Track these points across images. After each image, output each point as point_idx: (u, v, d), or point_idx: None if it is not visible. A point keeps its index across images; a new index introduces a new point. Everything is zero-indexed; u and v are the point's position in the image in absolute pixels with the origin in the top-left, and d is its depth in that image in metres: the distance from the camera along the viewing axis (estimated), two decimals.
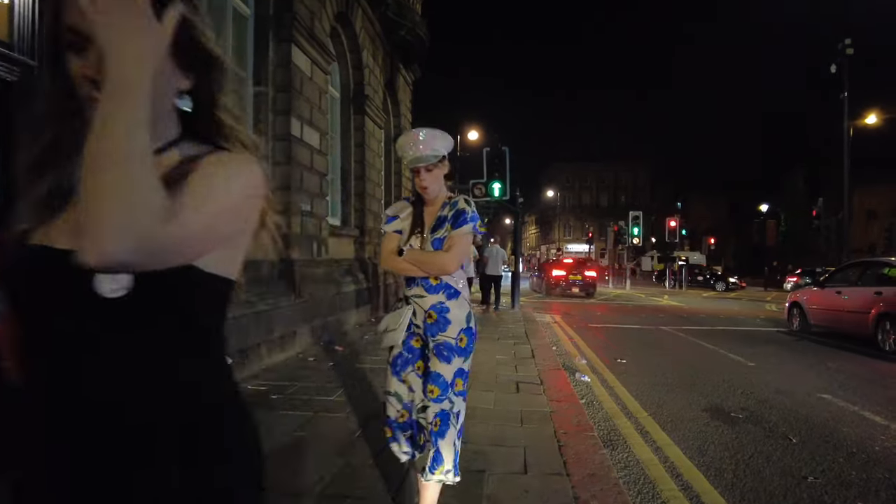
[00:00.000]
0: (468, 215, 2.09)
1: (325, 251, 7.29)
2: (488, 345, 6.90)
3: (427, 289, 2.08)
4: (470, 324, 2.12)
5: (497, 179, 11.11)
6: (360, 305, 8.60)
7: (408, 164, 2.13)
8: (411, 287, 2.13)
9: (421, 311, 2.10)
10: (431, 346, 2.07)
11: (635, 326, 10.33)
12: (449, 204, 2.15)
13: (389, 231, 2.20)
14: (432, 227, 2.12)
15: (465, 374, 2.12)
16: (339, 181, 9.23)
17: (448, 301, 2.08)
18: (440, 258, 2.04)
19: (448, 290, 2.09)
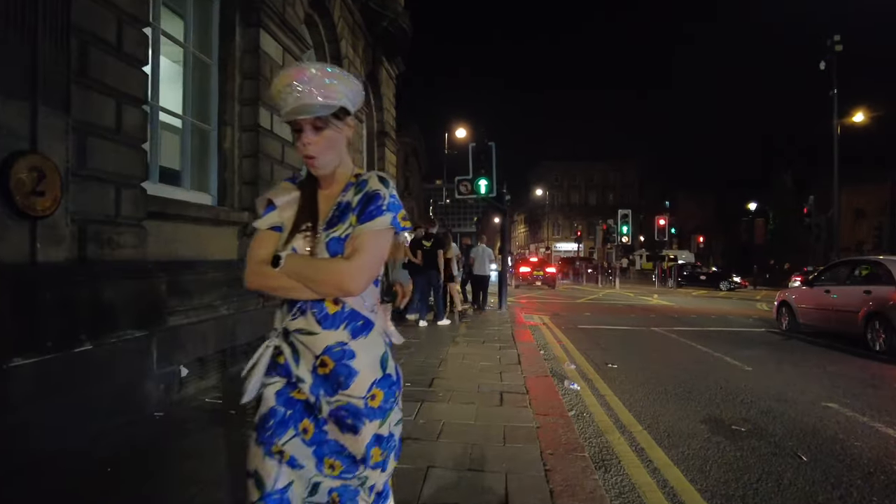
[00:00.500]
0: (383, 202, 1.35)
1: None
2: (473, 349, 6.51)
3: (320, 320, 1.33)
4: (387, 370, 1.41)
5: (483, 176, 10.73)
6: None
7: (284, 118, 1.33)
8: (294, 317, 1.35)
9: (308, 356, 1.34)
10: (326, 411, 1.35)
11: (626, 328, 10.00)
12: (355, 185, 1.41)
13: (262, 228, 1.42)
14: (328, 220, 1.38)
15: (387, 442, 1.40)
16: None
17: (353, 340, 1.34)
18: (338, 269, 1.28)
19: (353, 321, 1.35)
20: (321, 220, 1.39)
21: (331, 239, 1.35)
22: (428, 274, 8.72)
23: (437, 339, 7.33)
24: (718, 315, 13.07)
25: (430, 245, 8.75)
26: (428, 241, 8.76)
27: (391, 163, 12.72)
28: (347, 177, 1.45)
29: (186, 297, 4.52)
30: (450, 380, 4.89)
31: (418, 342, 6.98)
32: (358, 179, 1.43)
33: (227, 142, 5.78)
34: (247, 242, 6.32)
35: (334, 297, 1.32)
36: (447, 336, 7.58)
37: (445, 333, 7.85)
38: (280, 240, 1.38)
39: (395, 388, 1.44)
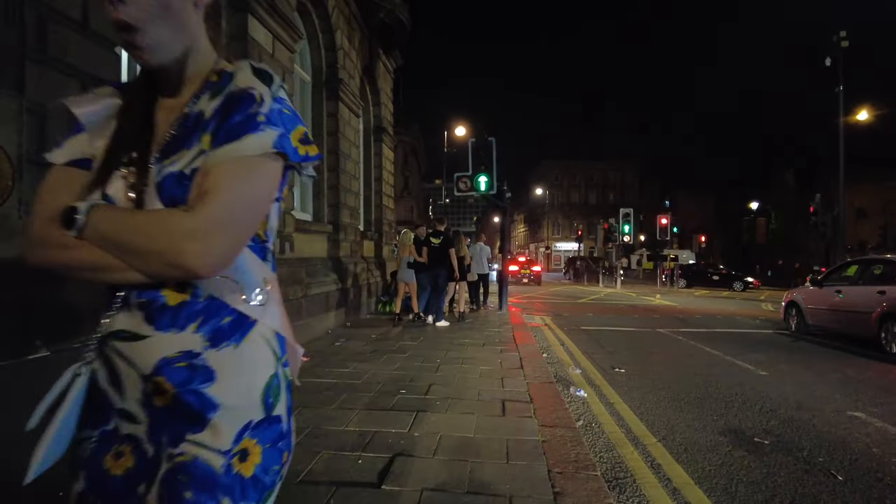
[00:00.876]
0: (259, 108, 0.80)
1: (290, 249, 6.53)
2: (473, 352, 6.18)
3: (151, 315, 0.80)
4: (274, 408, 0.86)
5: (483, 172, 10.40)
6: (332, 309, 7.84)
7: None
8: (112, 314, 0.82)
9: (133, 377, 0.80)
10: (162, 471, 0.79)
11: (631, 329, 9.68)
12: (212, 86, 0.86)
13: (58, 163, 0.85)
14: (165, 145, 0.83)
15: None
16: None
17: (212, 350, 0.81)
18: (172, 229, 0.73)
19: (213, 317, 0.82)
20: (154, 145, 0.83)
21: (166, 176, 0.79)
22: (435, 273, 8.42)
23: (434, 341, 7.01)
24: (724, 316, 12.75)
25: (439, 243, 8.46)
26: (437, 239, 8.47)
27: (388, 158, 12.40)
28: (205, 74, 0.88)
29: None
30: (448, 386, 4.57)
31: (414, 345, 6.66)
32: (220, 77, 0.86)
33: None
34: None
35: (172, 278, 0.78)
36: (445, 338, 7.26)
37: (444, 335, 7.53)
38: (82, 183, 0.82)
39: (285, 445, 0.87)
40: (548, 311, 12.85)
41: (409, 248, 8.43)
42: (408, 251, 8.39)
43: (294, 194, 7.46)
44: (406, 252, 8.43)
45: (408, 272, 8.49)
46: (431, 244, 8.44)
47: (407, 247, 8.40)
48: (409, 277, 8.57)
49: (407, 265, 8.44)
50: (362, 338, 7.16)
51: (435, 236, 8.50)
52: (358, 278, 9.24)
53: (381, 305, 10.35)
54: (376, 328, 8.10)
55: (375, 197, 11.72)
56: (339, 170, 8.67)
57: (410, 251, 8.39)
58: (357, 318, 9.07)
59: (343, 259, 8.65)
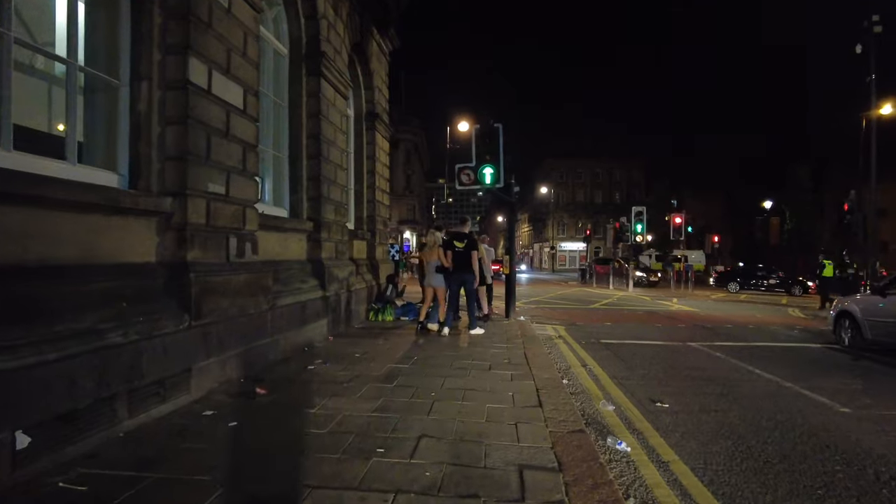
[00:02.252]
0: None
1: (252, 251, 5.31)
2: (477, 378, 4.96)
3: None
4: None
5: (489, 163, 9.17)
6: (311, 321, 6.63)
7: None
8: None
9: None
10: None
11: (658, 343, 8.44)
12: None
13: None
14: None
15: None
16: (286, 162, 7.24)
17: None
18: None
19: None
20: None
21: None
22: (461, 278, 7.91)
23: (430, 362, 5.79)
24: (754, 324, 11.48)
25: (463, 246, 7.88)
26: (461, 242, 7.89)
27: (383, 149, 11.17)
28: None
29: (40, 322, 2.98)
30: (443, 440, 3.35)
31: (406, 368, 5.44)
32: None
33: (142, 103, 4.25)
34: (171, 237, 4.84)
35: None
36: (445, 357, 6.04)
37: (443, 353, 6.31)
38: None
39: None
40: (559, 318, 11.61)
41: (439, 251, 7.91)
42: (437, 254, 7.90)
43: (262, 184, 6.26)
44: (435, 256, 7.91)
45: (437, 276, 7.93)
46: (456, 248, 7.86)
47: (436, 250, 7.91)
48: (440, 282, 7.95)
49: (436, 269, 7.91)
50: (344, 357, 5.94)
51: (458, 239, 7.94)
52: (345, 284, 8.02)
53: (372, 314, 9.13)
54: (363, 343, 6.89)
55: (368, 192, 10.50)
56: (322, 158, 7.45)
57: (440, 255, 7.89)
58: (344, 329, 7.86)
59: (326, 262, 7.43)
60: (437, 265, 7.92)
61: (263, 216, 6.05)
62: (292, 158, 7.28)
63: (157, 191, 4.28)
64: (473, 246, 7.96)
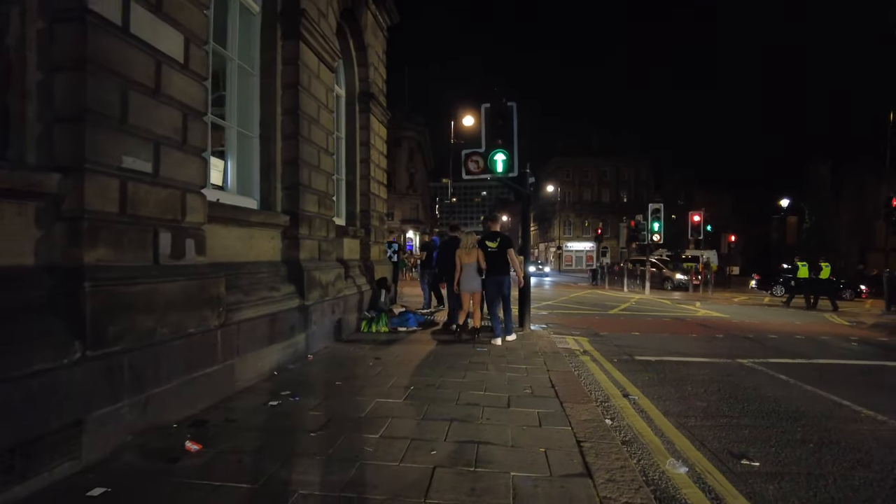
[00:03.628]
0: None
1: (196, 250, 4.03)
2: (494, 426, 3.64)
3: None
4: None
5: (500, 148, 7.86)
6: (282, 338, 5.34)
7: None
8: None
9: None
10: None
11: (703, 360, 7.10)
12: None
13: None
14: None
15: None
16: (256, 142, 5.96)
17: None
18: None
19: None
20: None
21: None
22: (499, 280, 7.32)
23: (432, 395, 4.49)
24: (800, 334, 10.11)
25: (496, 246, 7.34)
26: (494, 242, 7.35)
27: (380, 136, 9.88)
28: None
29: None
30: None
31: (398, 405, 4.14)
32: None
33: (9, 36, 2.97)
34: (61, 231, 3.43)
35: None
36: (451, 387, 4.74)
37: (449, 381, 5.01)
38: None
39: None
40: (578, 327, 10.28)
41: (478, 252, 7.27)
42: (476, 256, 7.26)
43: (206, 161, 4.99)
44: (474, 257, 7.26)
45: (476, 280, 7.29)
46: (489, 248, 7.33)
47: (475, 251, 7.29)
48: (478, 286, 7.32)
49: (475, 272, 7.27)
50: (321, 387, 4.65)
51: (490, 239, 7.40)
52: (331, 290, 6.74)
53: (365, 324, 7.83)
54: (349, 364, 5.60)
55: (362, 183, 9.21)
56: (301, 138, 6.16)
57: (479, 257, 7.25)
58: (328, 345, 6.57)
59: (306, 263, 6.14)
60: (475, 267, 7.24)
61: (219, 206, 4.77)
62: (264, 138, 5.99)
63: (37, 163, 3.00)
64: (509, 244, 7.37)
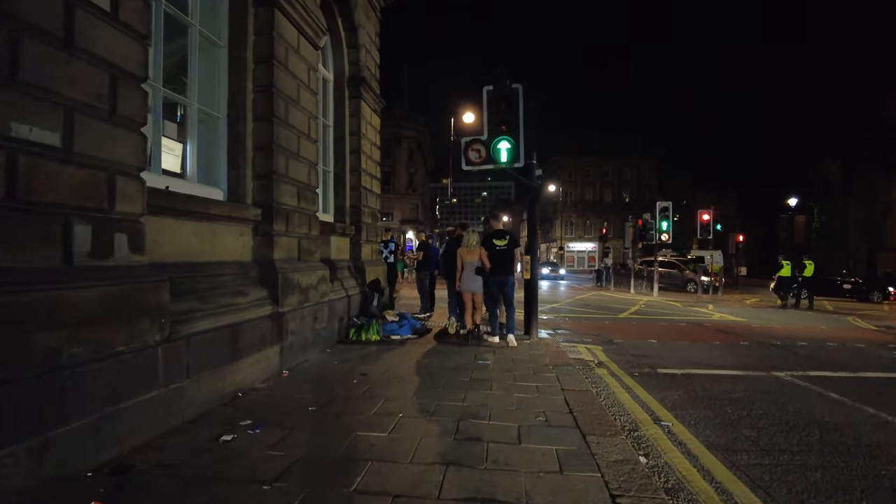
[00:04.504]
0: None
1: (129, 247, 3.22)
2: (502, 472, 2.81)
3: None
4: None
5: (504, 136, 7.05)
6: (245, 353, 4.52)
7: None
8: None
9: None
10: None
11: (734, 372, 6.28)
12: None
13: None
14: None
15: None
16: (223, 123, 5.15)
17: None
18: None
19: None
20: None
21: None
22: (502, 280, 7.10)
23: (423, 428, 3.68)
24: (832, 341, 9.29)
25: (505, 244, 7.13)
26: (502, 241, 7.14)
27: (372, 125, 9.07)
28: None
29: None
30: None
31: (384, 440, 3.32)
32: None
33: None
34: None
35: None
36: (448, 414, 3.93)
37: (445, 405, 4.20)
38: None
39: None
40: (589, 333, 9.47)
41: (481, 251, 7.08)
42: (478, 254, 7.08)
43: (145, 137, 4.19)
44: (476, 256, 7.08)
45: (476, 280, 7.12)
46: (497, 247, 7.10)
47: (477, 249, 7.10)
48: (479, 286, 7.18)
49: (476, 271, 7.09)
50: (290, 414, 3.84)
51: (498, 237, 7.17)
52: (312, 294, 5.93)
53: (353, 332, 7.02)
54: (329, 381, 4.79)
55: (352, 176, 8.40)
56: (276, 120, 5.35)
57: (482, 255, 7.07)
58: (309, 357, 5.75)
59: (281, 264, 5.33)
60: (476, 266, 7.05)
61: (170, 195, 3.98)
62: (233, 118, 5.18)
63: None
64: (516, 243, 7.20)
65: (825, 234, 32.86)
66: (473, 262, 7.07)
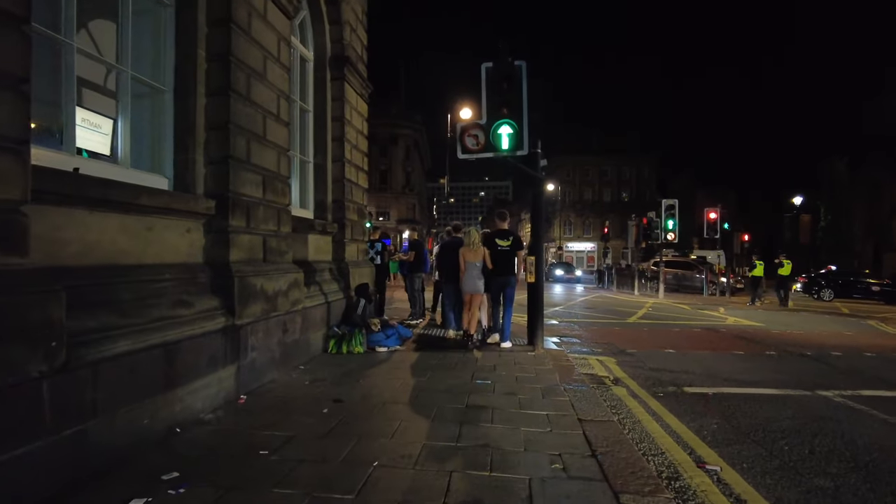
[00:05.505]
0: None
1: (3, 247, 2.35)
2: None
3: None
4: None
5: (506, 119, 6.18)
6: (185, 379, 3.64)
7: None
8: None
9: None
10: None
11: (774, 392, 5.43)
12: None
13: None
14: None
15: None
16: (169, 97, 4.28)
17: None
18: None
19: None
20: None
21: None
22: (504, 282, 6.88)
23: (403, 483, 2.81)
24: (867, 350, 8.45)
25: (508, 245, 6.88)
26: (505, 241, 6.89)
27: (358, 111, 8.20)
28: None
29: None
30: None
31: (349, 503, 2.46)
32: None
33: None
34: None
35: None
36: (437, 454, 3.06)
37: (436, 446, 3.33)
38: None
39: None
40: (598, 341, 8.61)
41: (484, 251, 6.77)
42: (481, 254, 6.75)
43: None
44: (479, 256, 6.74)
45: (478, 281, 6.80)
46: (500, 247, 6.84)
47: (480, 249, 6.75)
48: (481, 287, 6.84)
49: (480, 272, 6.79)
50: (230, 463, 2.96)
51: (501, 237, 6.92)
52: (281, 301, 5.05)
53: (333, 344, 6.14)
54: (293, 413, 3.90)
55: (334, 167, 7.52)
56: (234, 94, 4.47)
57: (485, 256, 6.78)
58: (274, 378, 4.87)
59: (240, 267, 4.45)
60: (478, 266, 6.73)
61: (79, 180, 3.10)
62: (181, 92, 4.30)
63: None
64: (520, 244, 6.98)
65: (832, 233, 32.11)
66: (476, 261, 6.73)
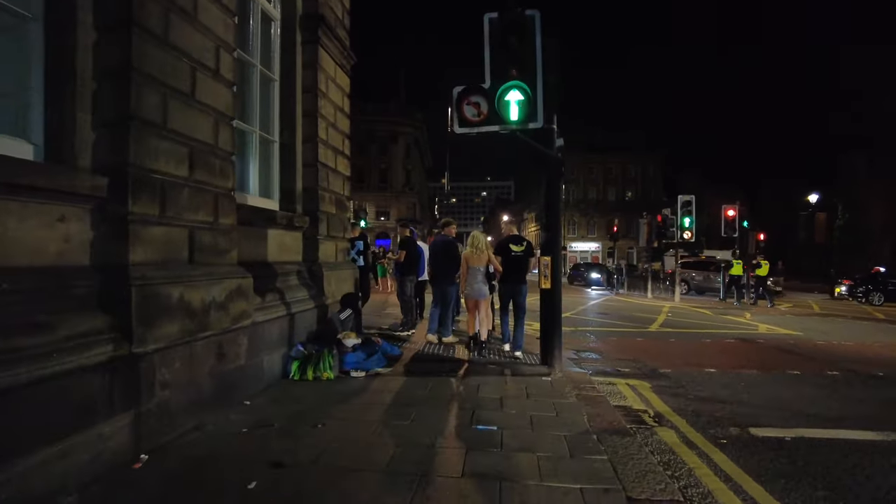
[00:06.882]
0: None
1: None
2: None
3: None
4: None
5: (515, 82, 4.89)
6: (36, 440, 2.35)
7: None
8: None
9: None
10: None
11: (876, 438, 4.12)
12: None
13: None
14: None
15: None
16: (38, 30, 3.00)
17: None
18: None
19: None
20: None
21: None
22: (516, 289, 6.46)
23: None
24: None
25: (522, 250, 6.49)
26: (519, 246, 6.50)
27: (337, 83, 6.91)
28: None
29: None
30: None
31: None
32: None
33: None
34: None
35: None
36: None
37: None
38: None
39: None
40: (620, 355, 7.32)
41: (487, 254, 6.38)
42: (486, 259, 6.39)
43: None
44: (483, 260, 6.36)
45: (483, 286, 6.41)
46: (513, 252, 6.44)
47: (486, 253, 6.37)
48: (486, 293, 6.48)
49: (484, 276, 6.46)
50: None
51: (516, 242, 6.57)
52: (214, 317, 3.76)
53: (296, 368, 4.85)
54: (208, 486, 2.62)
55: (306, 148, 6.22)
56: (138, 30, 3.19)
57: (492, 260, 6.41)
58: (199, 423, 3.58)
59: (145, 270, 3.17)
60: (482, 271, 6.40)
61: None
62: (54, 25, 3.02)
63: None
64: (532, 251, 6.75)
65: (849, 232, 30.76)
66: (480, 267, 6.35)
